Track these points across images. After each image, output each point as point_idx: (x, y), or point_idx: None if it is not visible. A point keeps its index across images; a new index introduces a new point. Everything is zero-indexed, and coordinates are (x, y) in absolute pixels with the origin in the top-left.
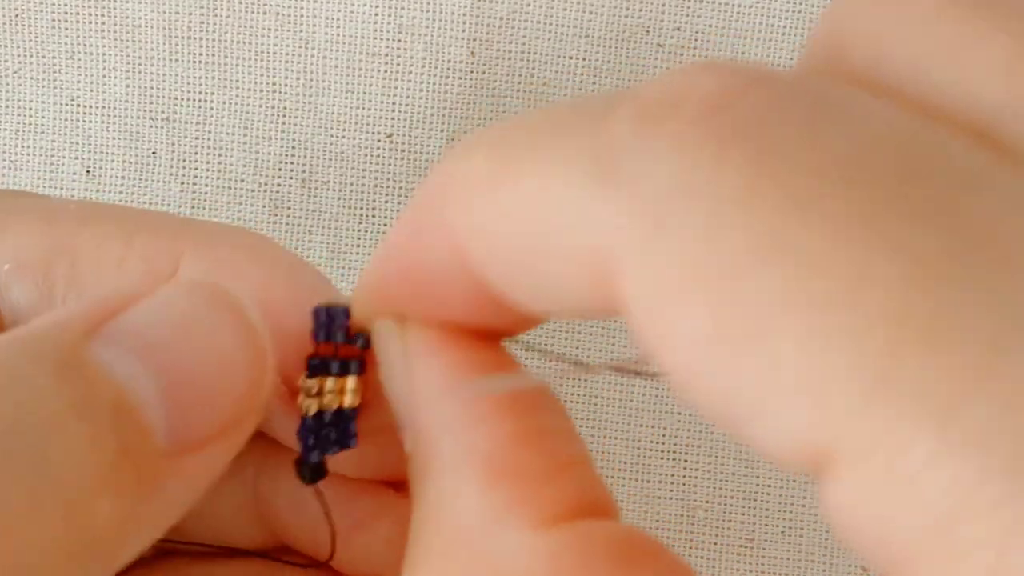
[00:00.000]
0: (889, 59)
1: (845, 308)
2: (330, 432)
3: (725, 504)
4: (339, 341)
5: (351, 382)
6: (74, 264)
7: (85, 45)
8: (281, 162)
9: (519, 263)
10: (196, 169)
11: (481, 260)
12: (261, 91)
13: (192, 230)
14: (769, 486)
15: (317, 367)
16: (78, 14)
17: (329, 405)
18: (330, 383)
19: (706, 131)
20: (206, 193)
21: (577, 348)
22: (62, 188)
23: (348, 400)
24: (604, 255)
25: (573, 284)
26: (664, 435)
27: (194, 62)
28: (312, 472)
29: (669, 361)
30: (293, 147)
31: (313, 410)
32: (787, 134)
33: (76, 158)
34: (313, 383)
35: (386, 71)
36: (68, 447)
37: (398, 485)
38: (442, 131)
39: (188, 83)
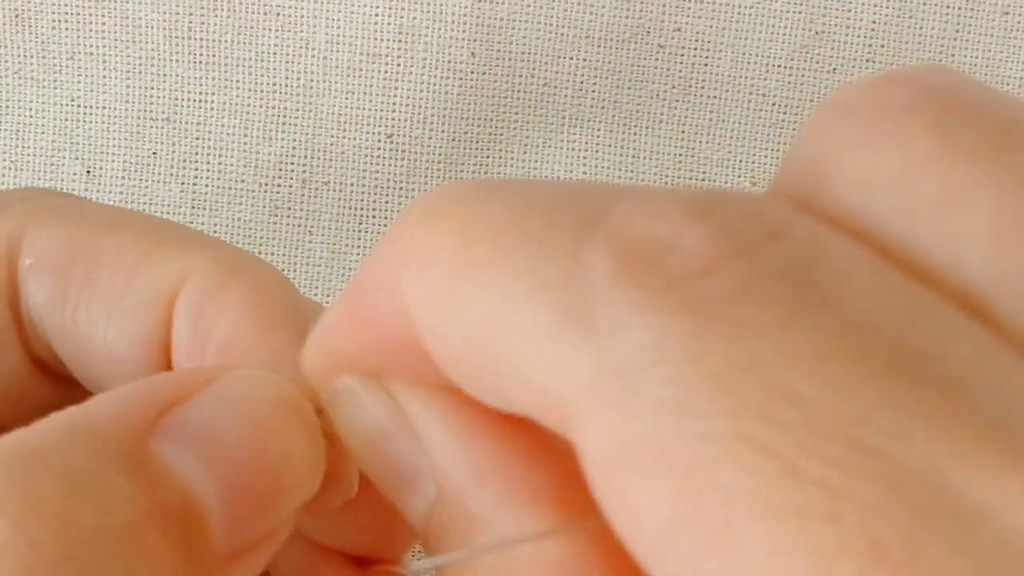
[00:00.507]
0: (873, 205)
1: (820, 524)
2: None
3: None
4: None
5: None
6: (92, 270)
7: (85, 46)
8: (281, 163)
9: (472, 367)
10: (196, 169)
11: (432, 348)
12: (261, 92)
13: (207, 248)
14: None
15: None
16: (78, 15)
17: None
18: None
19: (686, 299)
20: (206, 193)
21: None
22: (62, 188)
23: None
24: (564, 401)
25: (529, 408)
26: None
27: (194, 63)
28: None
29: (626, 532)
30: (293, 148)
31: None
32: (769, 316)
33: (76, 158)
34: None
35: (386, 72)
36: (146, 555)
37: (361, 560)
38: (442, 131)
39: (188, 84)
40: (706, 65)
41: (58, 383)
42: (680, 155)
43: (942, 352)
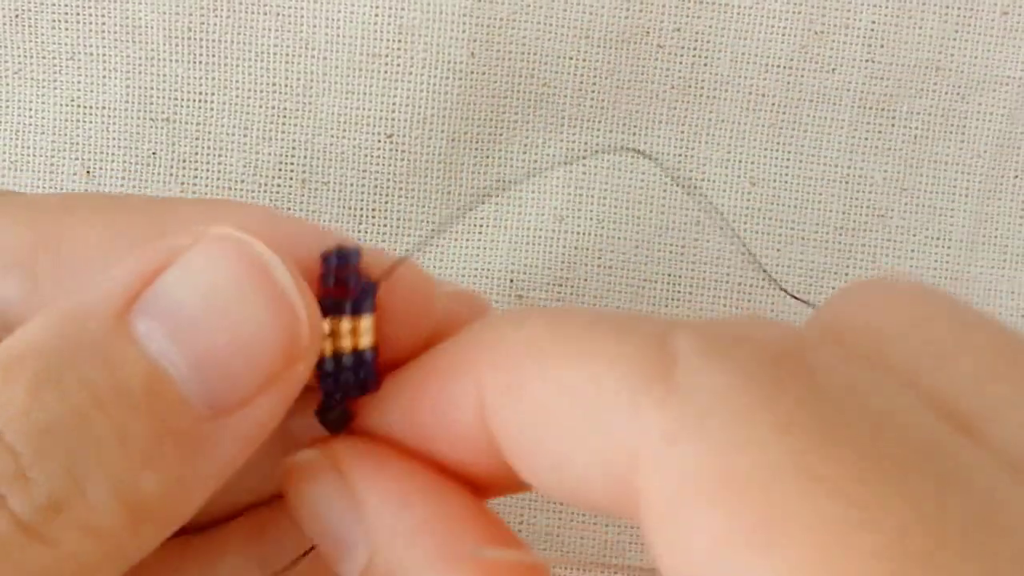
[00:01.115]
0: (889, 350)
1: (858, 533)
2: (350, 376)
3: None
4: (352, 283)
5: (367, 321)
6: (58, 254)
7: (85, 46)
8: (281, 163)
9: (541, 447)
10: (196, 169)
11: (502, 430)
12: (261, 92)
13: (177, 205)
14: None
15: (330, 308)
16: (78, 15)
17: (345, 348)
18: (345, 324)
19: (761, 367)
20: (206, 193)
21: None
22: (62, 188)
23: (365, 341)
24: (632, 452)
25: (592, 473)
26: None
27: (194, 62)
28: (337, 420)
29: (678, 565)
30: (293, 148)
31: (329, 351)
32: (828, 391)
33: (76, 158)
34: (326, 324)
35: (386, 72)
36: (109, 429)
37: None
38: (442, 131)
39: (188, 83)
40: (706, 65)
41: None
42: (679, 155)
43: (955, 458)
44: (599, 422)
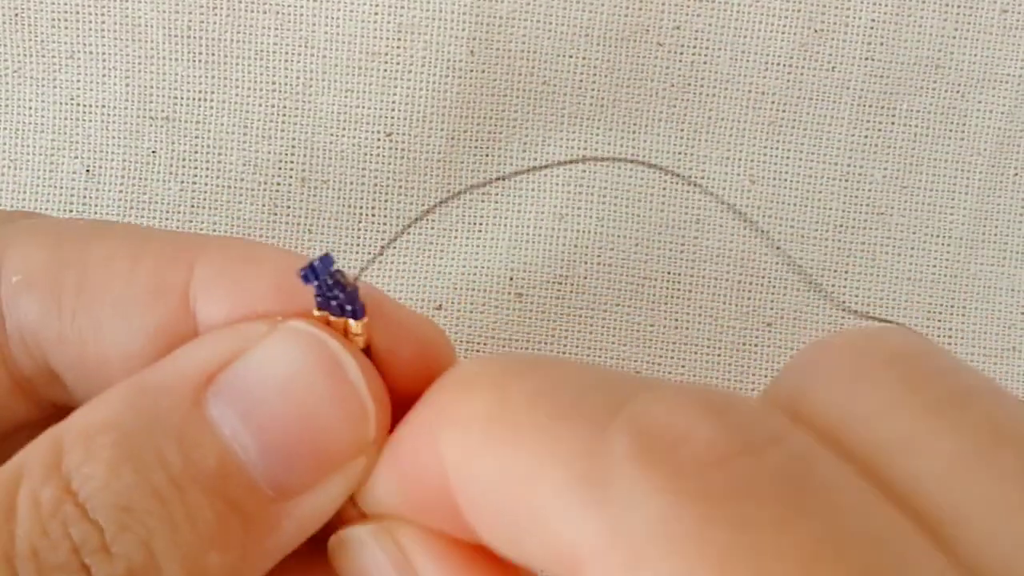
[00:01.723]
0: (853, 434)
1: None
2: None
3: None
4: (327, 289)
5: (355, 325)
6: (84, 275)
7: (85, 45)
8: (281, 161)
9: (496, 519)
10: (196, 168)
11: (461, 499)
12: (261, 90)
13: (200, 240)
14: None
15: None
16: (78, 14)
17: None
18: (339, 323)
19: (696, 487)
20: (206, 192)
21: None
22: (62, 188)
23: (358, 342)
24: (576, 557)
25: (542, 560)
26: None
27: (194, 61)
28: None
29: None
30: (293, 146)
31: None
32: (767, 514)
33: (76, 158)
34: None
35: (386, 70)
36: (183, 508)
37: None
38: (442, 130)
39: (188, 82)
40: (705, 63)
41: (38, 404)
42: (679, 153)
43: (906, 570)
44: (541, 519)
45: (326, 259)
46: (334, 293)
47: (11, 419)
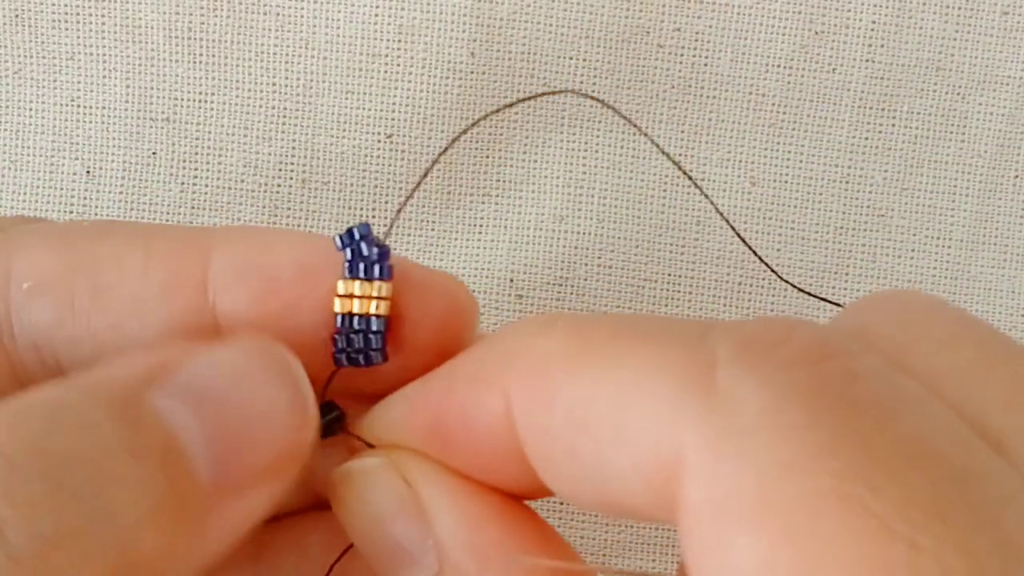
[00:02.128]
0: (917, 362)
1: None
2: (358, 339)
3: None
4: (366, 254)
5: (384, 288)
6: (96, 276)
7: (85, 46)
8: (281, 163)
9: (569, 456)
10: (196, 169)
11: (531, 440)
12: (261, 92)
13: (211, 231)
14: None
15: (353, 273)
16: (78, 15)
17: (359, 310)
18: (359, 287)
19: (803, 378)
20: (206, 193)
21: None
22: (62, 188)
23: (378, 308)
24: (673, 460)
25: (628, 480)
26: None
27: (194, 63)
28: (330, 424)
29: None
30: (293, 148)
31: (345, 310)
32: (873, 409)
33: (76, 158)
34: (347, 286)
35: (386, 72)
36: (120, 483)
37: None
38: (442, 131)
39: (188, 84)
40: (706, 65)
41: None
42: (680, 155)
43: (986, 470)
44: (638, 430)
45: (364, 227)
46: (367, 255)
47: None
